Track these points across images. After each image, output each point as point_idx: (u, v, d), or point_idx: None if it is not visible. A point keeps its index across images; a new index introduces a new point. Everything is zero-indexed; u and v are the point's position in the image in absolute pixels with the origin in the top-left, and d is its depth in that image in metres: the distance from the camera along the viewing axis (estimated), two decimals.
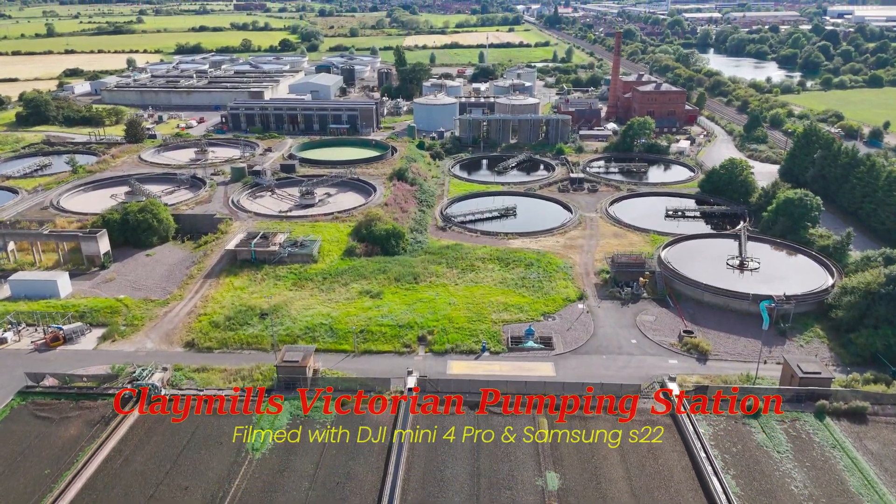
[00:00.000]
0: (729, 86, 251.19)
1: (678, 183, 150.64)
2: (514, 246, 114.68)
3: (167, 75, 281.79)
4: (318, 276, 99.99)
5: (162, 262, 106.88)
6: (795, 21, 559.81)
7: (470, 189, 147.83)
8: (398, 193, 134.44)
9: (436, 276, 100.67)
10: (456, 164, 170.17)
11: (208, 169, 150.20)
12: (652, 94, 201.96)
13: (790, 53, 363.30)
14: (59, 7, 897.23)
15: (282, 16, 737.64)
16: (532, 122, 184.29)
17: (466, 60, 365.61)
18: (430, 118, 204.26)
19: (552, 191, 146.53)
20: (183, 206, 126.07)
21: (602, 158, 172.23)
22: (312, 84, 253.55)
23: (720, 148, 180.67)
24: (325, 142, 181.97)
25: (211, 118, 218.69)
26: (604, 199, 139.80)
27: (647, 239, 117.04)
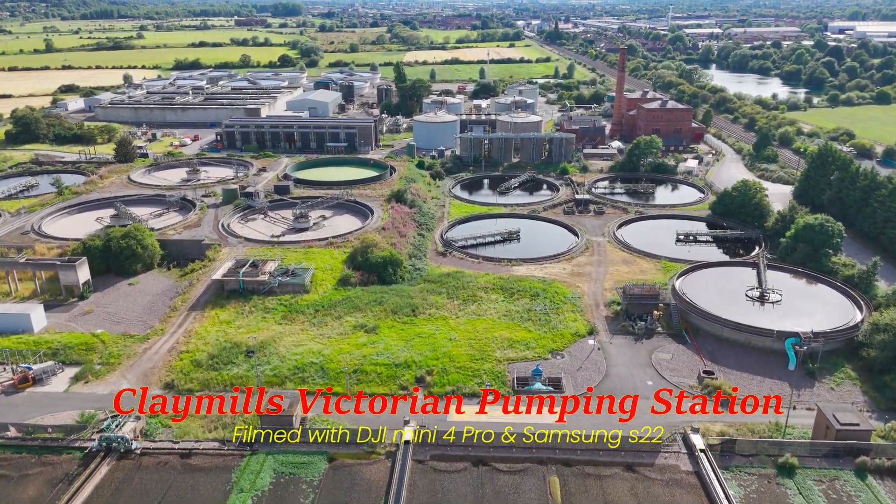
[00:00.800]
0: (735, 102, 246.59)
1: (688, 205, 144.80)
2: (518, 273, 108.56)
3: (163, 91, 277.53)
4: (310, 308, 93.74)
5: (145, 292, 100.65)
6: (797, 37, 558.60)
7: (471, 211, 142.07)
8: (396, 216, 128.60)
9: (435, 307, 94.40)
10: (457, 184, 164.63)
11: (199, 190, 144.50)
12: (658, 111, 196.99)
13: (794, 69, 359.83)
14: (59, 23, 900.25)
15: (282, 31, 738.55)
16: (535, 140, 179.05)
17: (467, 76, 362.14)
18: (429, 136, 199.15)
19: (557, 213, 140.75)
20: (170, 231, 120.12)
21: (607, 178, 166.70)
22: (310, 101, 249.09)
23: (729, 167, 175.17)
24: (322, 161, 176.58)
25: (206, 135, 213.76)
26: (611, 222, 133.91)
27: (659, 266, 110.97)
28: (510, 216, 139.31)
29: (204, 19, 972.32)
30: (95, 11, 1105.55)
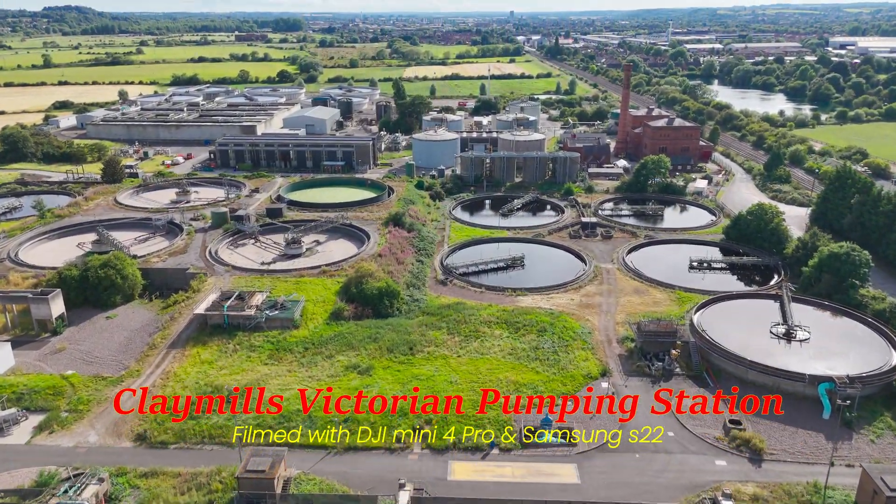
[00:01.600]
0: (742, 119, 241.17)
1: (699, 228, 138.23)
2: (523, 304, 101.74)
3: (157, 108, 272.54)
4: (300, 345, 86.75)
5: (123, 327, 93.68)
6: (798, 52, 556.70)
7: (472, 234, 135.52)
8: (394, 241, 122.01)
9: (435, 344, 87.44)
10: (457, 205, 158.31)
11: (187, 213, 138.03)
12: (664, 129, 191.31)
13: (798, 85, 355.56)
14: (60, 38, 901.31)
15: (282, 46, 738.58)
16: (538, 159, 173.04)
17: (467, 92, 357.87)
18: (429, 155, 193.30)
19: (563, 237, 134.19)
20: (154, 259, 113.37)
21: (614, 199, 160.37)
22: (307, 117, 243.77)
23: (740, 188, 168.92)
24: (317, 181, 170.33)
25: (200, 154, 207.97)
26: (620, 247, 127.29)
27: (673, 297, 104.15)
28: (513, 240, 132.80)
29: (204, 35, 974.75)
30: (97, 27, 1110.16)
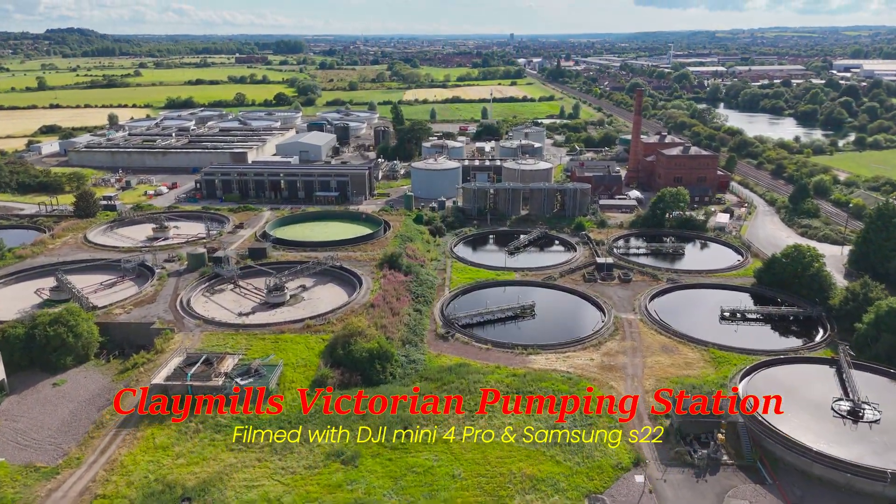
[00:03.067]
0: (757, 146, 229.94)
1: (726, 271, 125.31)
2: (536, 366, 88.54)
3: (146, 133, 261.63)
4: (274, 423, 73.26)
5: (70, 398, 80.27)
6: (803, 75, 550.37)
7: (476, 277, 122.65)
8: (388, 288, 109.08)
9: (434, 421, 73.96)
10: (459, 241, 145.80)
11: (162, 254, 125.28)
12: (680, 158, 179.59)
13: (809, 109, 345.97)
14: (59, 60, 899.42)
15: (282, 69, 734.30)
16: (546, 191, 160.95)
17: (469, 116, 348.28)
18: (429, 185, 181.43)
19: (576, 280, 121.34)
20: (116, 310, 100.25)
21: (629, 235, 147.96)
22: (302, 144, 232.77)
23: (764, 222, 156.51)
24: (308, 215, 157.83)
25: (186, 182, 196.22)
26: (640, 292, 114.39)
27: (707, 356, 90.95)
28: (522, 284, 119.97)
29: (204, 57, 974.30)
30: (97, 49, 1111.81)
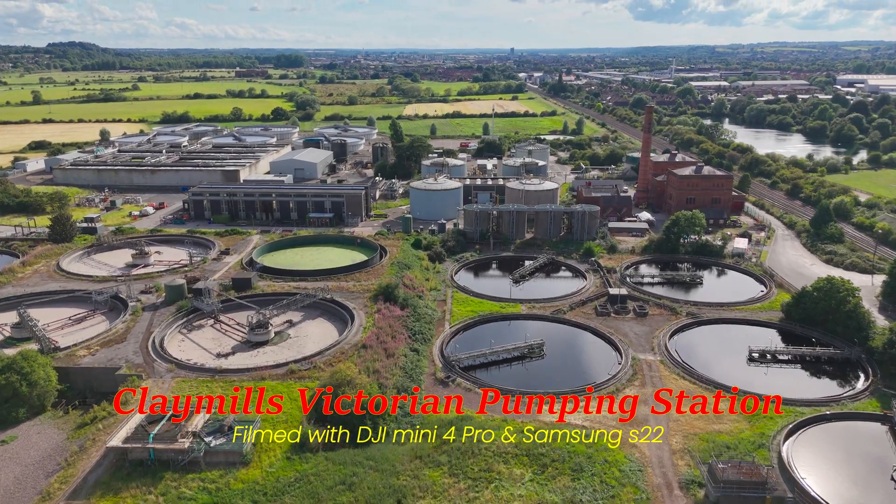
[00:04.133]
0: (770, 164, 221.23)
1: (750, 303, 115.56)
2: (547, 418, 78.74)
3: (136, 150, 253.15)
4: (247, 496, 63.27)
5: (17, 460, 70.33)
6: (807, 90, 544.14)
7: (479, 309, 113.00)
8: (383, 324, 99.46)
9: (432, 493, 64.04)
10: (460, 267, 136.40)
11: (138, 284, 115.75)
12: (692, 178, 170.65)
13: (818, 125, 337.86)
14: (58, 74, 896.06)
15: (281, 83, 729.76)
16: (553, 214, 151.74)
17: (470, 132, 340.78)
18: (429, 206, 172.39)
19: (587, 313, 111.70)
20: (81, 351, 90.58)
21: (642, 262, 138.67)
22: (297, 161, 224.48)
23: (785, 248, 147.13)
24: (299, 240, 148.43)
25: (175, 202, 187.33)
26: (658, 328, 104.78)
27: (739, 406, 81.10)
28: (529, 318, 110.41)
29: (204, 71, 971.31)
30: (98, 62, 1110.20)
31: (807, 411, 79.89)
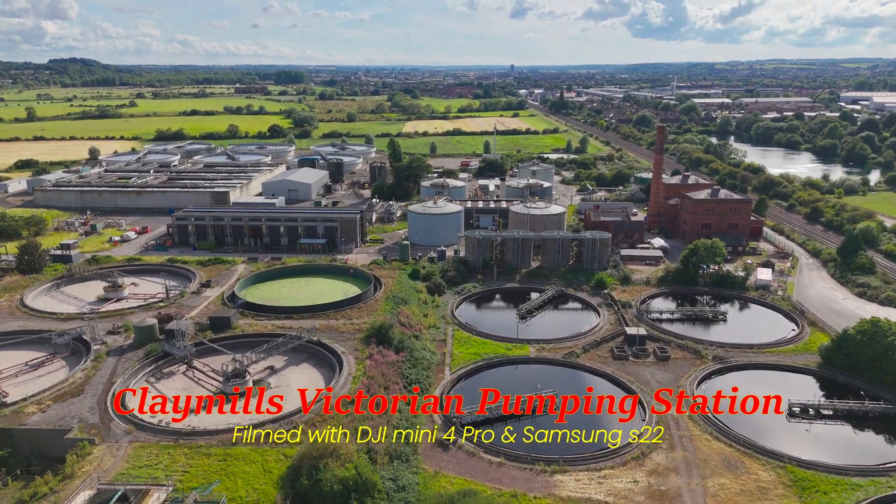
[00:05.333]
0: (785, 186, 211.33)
1: (782, 345, 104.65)
2: (563, 491, 67.81)
3: (123, 170, 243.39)
4: None
5: None
6: (811, 107, 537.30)
7: (482, 351, 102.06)
8: (375, 373, 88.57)
9: None
10: (461, 300, 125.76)
11: (104, 324, 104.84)
12: (708, 202, 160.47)
13: (828, 144, 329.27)
14: (56, 90, 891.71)
15: (281, 99, 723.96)
16: (561, 241, 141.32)
17: (470, 150, 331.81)
18: (428, 231, 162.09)
19: (603, 356, 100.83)
20: (30, 407, 79.53)
21: (658, 295, 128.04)
22: (291, 182, 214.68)
23: (812, 279, 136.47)
24: (287, 270, 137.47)
25: (160, 226, 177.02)
26: (684, 374, 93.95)
27: (784, 476, 70.30)
28: (538, 362, 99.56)
29: (204, 87, 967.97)
30: (98, 79, 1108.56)
31: (863, 483, 69.14)
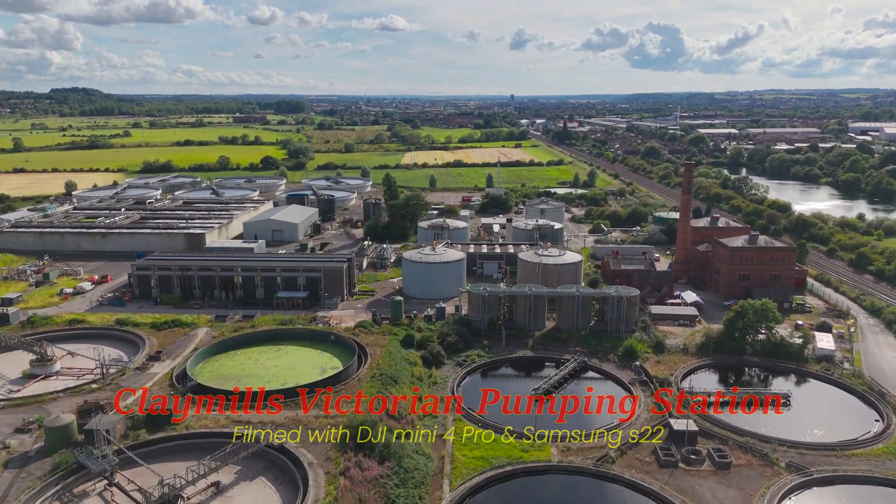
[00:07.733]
0: (821, 227, 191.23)
1: (867, 444, 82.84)
2: None
3: (95, 206, 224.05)
4: None
5: None
6: (821, 138, 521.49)
7: (492, 454, 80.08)
8: (350, 499, 66.72)
9: None
10: (464, 374, 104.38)
11: (12, 417, 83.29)
12: (746, 251, 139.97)
13: (851, 178, 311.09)
14: (52, 119, 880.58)
15: (279, 129, 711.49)
16: (581, 299, 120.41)
17: (472, 183, 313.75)
18: (425, 282, 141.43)
19: (644, 461, 79.04)
20: None
21: (701, 367, 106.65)
22: (275, 221, 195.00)
23: (880, 346, 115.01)
24: (255, 336, 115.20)
25: (122, 273, 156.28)
26: (752, 491, 72.19)
27: None
28: (563, 471, 77.76)
29: (202, 116, 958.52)
30: (97, 108, 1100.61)
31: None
